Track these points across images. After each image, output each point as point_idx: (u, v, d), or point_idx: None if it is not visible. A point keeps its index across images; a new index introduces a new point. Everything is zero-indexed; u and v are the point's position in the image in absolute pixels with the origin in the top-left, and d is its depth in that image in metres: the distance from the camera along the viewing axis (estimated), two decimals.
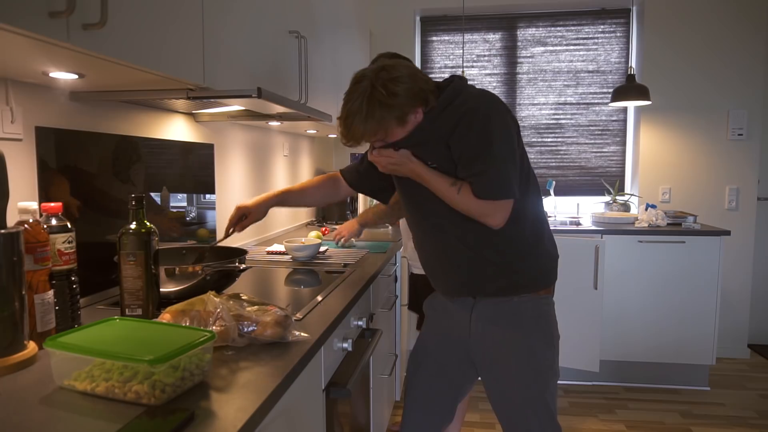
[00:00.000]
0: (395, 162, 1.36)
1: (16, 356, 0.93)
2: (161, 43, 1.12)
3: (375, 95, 1.25)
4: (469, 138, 1.29)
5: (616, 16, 3.60)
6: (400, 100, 1.26)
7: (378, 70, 1.28)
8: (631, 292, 3.04)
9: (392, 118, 1.27)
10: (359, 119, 1.26)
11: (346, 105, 1.29)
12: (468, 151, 1.30)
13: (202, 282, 1.34)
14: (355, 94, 1.27)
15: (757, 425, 2.64)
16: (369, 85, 1.26)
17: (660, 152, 3.52)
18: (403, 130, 1.31)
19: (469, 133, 1.29)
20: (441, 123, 1.31)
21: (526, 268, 1.40)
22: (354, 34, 3.03)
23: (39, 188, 1.24)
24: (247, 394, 0.85)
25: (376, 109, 1.25)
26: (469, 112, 1.29)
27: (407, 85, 1.27)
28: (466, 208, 1.31)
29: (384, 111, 1.26)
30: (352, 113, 1.27)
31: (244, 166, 2.44)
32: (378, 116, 1.26)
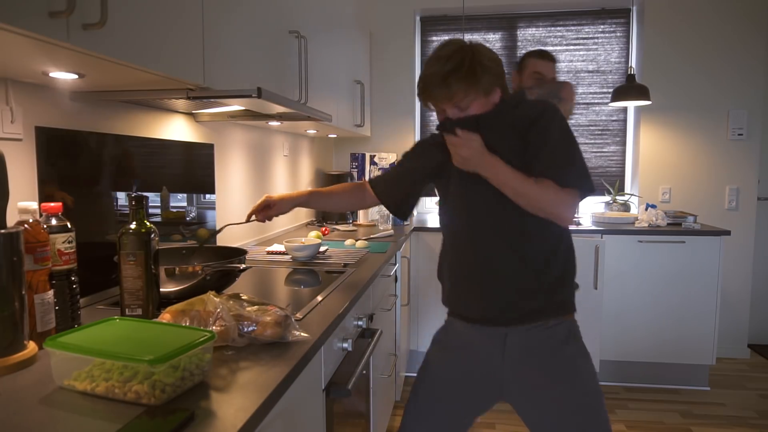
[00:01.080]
0: (477, 151, 1.33)
1: (16, 356, 0.93)
2: (161, 43, 1.12)
3: (477, 56, 1.30)
4: (552, 132, 1.32)
5: (616, 16, 3.60)
6: (495, 71, 1.33)
7: (477, 43, 1.35)
8: (631, 292, 3.04)
9: (484, 84, 1.32)
10: (458, 77, 1.29)
11: (440, 62, 1.32)
12: (553, 141, 1.31)
13: (202, 282, 1.34)
14: (449, 53, 1.31)
15: (757, 425, 2.64)
16: (470, 50, 1.32)
17: (660, 152, 3.52)
18: (484, 103, 1.34)
19: (551, 126, 1.32)
20: (517, 116, 1.36)
21: (559, 289, 1.37)
22: (354, 34, 3.03)
23: (39, 188, 1.24)
24: (247, 394, 0.85)
25: (477, 69, 1.30)
26: (548, 111, 1.34)
27: (498, 64, 1.35)
28: (546, 197, 1.28)
29: (482, 74, 1.30)
30: (449, 71, 1.30)
31: (244, 166, 2.44)
32: (477, 77, 1.30)
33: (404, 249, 2.89)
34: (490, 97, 1.35)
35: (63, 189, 1.31)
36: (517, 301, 1.35)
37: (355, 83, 3.08)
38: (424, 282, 3.18)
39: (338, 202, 1.72)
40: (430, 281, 3.17)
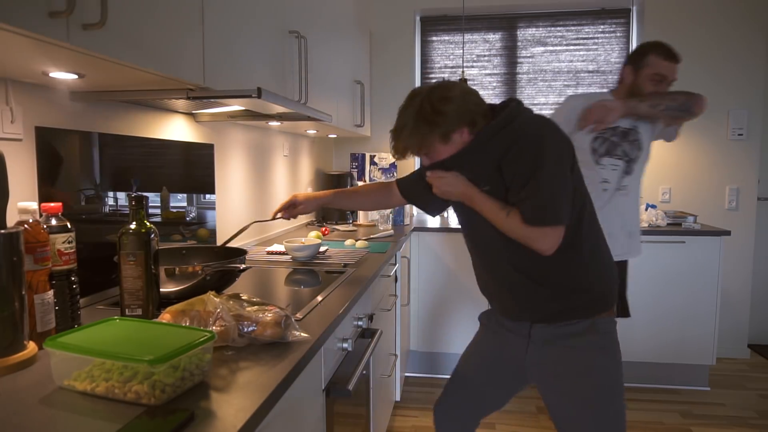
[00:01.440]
0: (448, 183, 1.41)
1: (16, 356, 0.93)
2: (161, 43, 1.12)
3: (422, 112, 1.34)
4: (521, 162, 1.31)
5: (616, 16, 3.60)
6: (446, 119, 1.33)
7: (432, 88, 1.37)
8: (631, 292, 3.04)
9: (436, 135, 1.35)
10: (405, 133, 1.37)
11: (398, 118, 1.40)
12: (519, 174, 1.31)
13: (202, 282, 1.34)
14: (407, 110, 1.38)
15: (757, 425, 2.64)
16: (419, 102, 1.36)
17: (660, 152, 3.52)
18: (447, 148, 1.38)
19: (522, 156, 1.31)
20: (494, 145, 1.35)
21: (582, 293, 1.38)
22: (354, 34, 3.03)
23: (39, 188, 1.24)
24: (247, 394, 0.85)
25: (422, 125, 1.35)
26: (523, 137, 1.32)
27: (456, 105, 1.33)
28: (514, 233, 1.33)
29: (428, 128, 1.34)
30: (400, 127, 1.38)
31: (244, 166, 2.44)
32: (422, 132, 1.35)
33: (404, 249, 2.89)
34: (451, 142, 1.36)
35: (63, 189, 1.31)
36: (536, 309, 1.42)
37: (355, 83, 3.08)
38: (424, 282, 3.18)
39: (363, 202, 1.79)
40: (430, 281, 3.17)
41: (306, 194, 1.73)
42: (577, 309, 1.39)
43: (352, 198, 1.78)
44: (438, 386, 3.11)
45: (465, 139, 1.37)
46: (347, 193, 1.78)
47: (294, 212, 1.71)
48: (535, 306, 1.41)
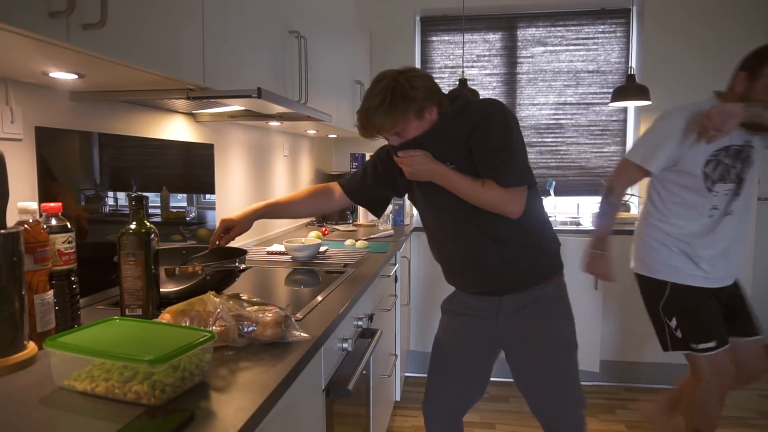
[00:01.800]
0: (421, 163, 1.46)
1: (16, 356, 0.93)
2: (161, 43, 1.12)
3: (398, 88, 1.39)
4: (490, 136, 1.42)
5: (616, 16, 3.60)
6: (420, 94, 1.41)
7: (399, 70, 1.44)
8: (631, 292, 3.03)
9: (412, 111, 1.41)
10: (381, 111, 1.40)
11: (368, 98, 1.43)
12: (490, 147, 1.42)
13: (202, 282, 1.34)
14: (377, 88, 1.42)
15: (757, 425, 2.64)
16: (392, 80, 1.41)
17: None
18: (419, 125, 1.44)
19: (489, 132, 1.42)
20: (458, 125, 1.45)
21: (541, 254, 1.54)
22: (354, 34, 3.03)
23: (39, 188, 1.24)
24: (247, 394, 0.85)
25: (399, 100, 1.39)
26: (487, 116, 1.44)
27: (427, 83, 1.43)
28: (490, 199, 1.43)
29: (405, 103, 1.40)
30: (374, 105, 1.41)
31: (244, 166, 2.44)
32: (400, 107, 1.40)
33: (404, 249, 2.89)
34: (424, 119, 1.44)
35: (63, 189, 1.31)
36: (503, 278, 1.53)
37: (355, 83, 3.08)
38: (424, 282, 3.18)
39: (301, 208, 1.75)
40: (430, 281, 3.17)
41: (239, 214, 1.63)
42: (540, 272, 1.54)
43: (290, 206, 1.73)
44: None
45: (433, 118, 1.46)
46: (282, 203, 1.72)
47: (231, 236, 1.62)
48: (504, 271, 1.52)
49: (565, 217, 3.40)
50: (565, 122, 3.70)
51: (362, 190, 1.73)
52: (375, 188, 1.70)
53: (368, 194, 1.73)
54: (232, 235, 1.63)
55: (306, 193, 1.76)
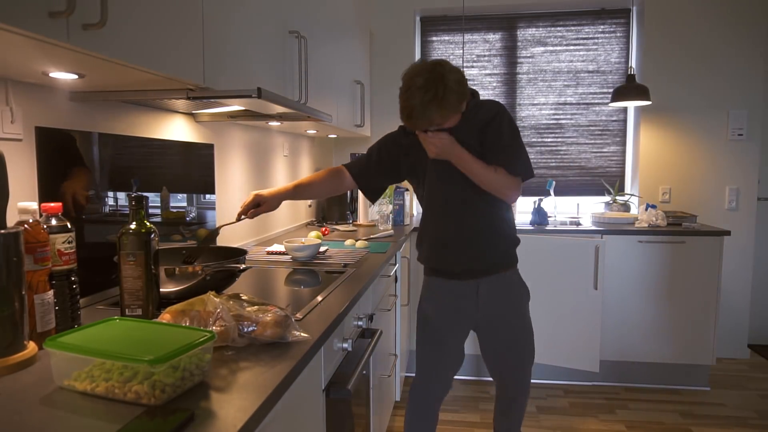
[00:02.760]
0: (446, 145, 1.61)
1: (16, 356, 0.93)
2: (161, 43, 1.12)
3: (447, 83, 1.52)
4: (502, 130, 1.66)
5: (616, 16, 3.60)
6: (462, 90, 1.57)
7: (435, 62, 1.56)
8: (631, 292, 3.04)
9: (457, 104, 1.57)
10: (435, 106, 1.52)
11: (415, 93, 1.52)
12: (502, 139, 1.66)
13: (202, 282, 1.34)
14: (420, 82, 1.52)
15: (757, 425, 2.64)
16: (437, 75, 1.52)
17: (660, 152, 3.52)
18: (457, 117, 1.62)
19: (502, 126, 1.66)
20: (476, 116, 1.67)
21: (511, 245, 1.80)
22: (354, 34, 3.03)
23: (39, 188, 1.24)
24: (247, 394, 0.85)
25: (450, 96, 1.53)
26: (500, 113, 1.68)
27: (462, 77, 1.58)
28: (500, 183, 1.65)
29: (454, 98, 1.54)
30: (426, 101, 1.52)
31: (244, 166, 2.44)
32: (452, 103, 1.54)
33: (404, 249, 2.89)
34: (461, 111, 1.63)
35: (63, 189, 1.31)
36: (485, 257, 1.75)
37: (355, 83, 3.08)
38: None
39: (320, 190, 1.90)
40: None
41: (269, 191, 1.74)
42: (508, 259, 1.79)
43: (311, 187, 1.85)
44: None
45: (463, 109, 1.64)
46: (305, 184, 1.83)
47: (259, 211, 1.72)
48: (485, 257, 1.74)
49: (565, 217, 3.40)
50: (565, 122, 3.70)
51: (365, 175, 1.88)
52: (376, 175, 1.87)
53: (369, 180, 1.89)
54: (260, 211, 1.73)
55: (324, 174, 1.88)
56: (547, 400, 2.93)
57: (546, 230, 3.06)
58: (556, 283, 2.91)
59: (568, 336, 2.93)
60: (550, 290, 2.92)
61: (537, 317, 2.93)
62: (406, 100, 1.54)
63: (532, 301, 2.79)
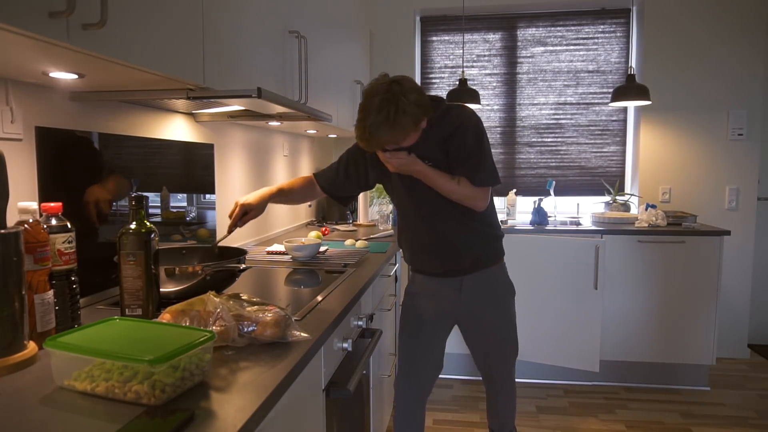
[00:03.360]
0: (405, 163, 1.60)
1: (16, 356, 0.93)
2: (161, 43, 1.12)
3: (399, 104, 1.47)
4: (466, 141, 1.63)
5: (616, 16, 3.60)
6: (417, 109, 1.50)
7: (391, 81, 1.51)
8: (631, 292, 3.04)
9: (412, 125, 1.52)
10: (386, 127, 1.48)
11: (368, 114, 1.49)
12: (465, 150, 1.63)
13: (202, 282, 1.34)
14: (375, 104, 1.48)
15: (757, 425, 2.64)
16: (390, 95, 1.48)
17: (660, 152, 3.52)
18: (416, 135, 1.57)
19: (465, 136, 1.63)
20: (439, 129, 1.63)
21: (493, 241, 1.79)
22: (354, 34, 3.03)
23: (39, 188, 1.24)
24: (247, 394, 0.85)
25: (401, 116, 1.48)
26: (464, 123, 1.64)
27: (419, 97, 1.52)
28: (463, 195, 1.64)
29: (407, 118, 1.49)
30: (377, 122, 1.48)
31: (244, 166, 2.44)
32: (402, 123, 1.49)
33: None
34: (419, 129, 1.56)
35: (63, 189, 1.31)
36: (466, 257, 1.74)
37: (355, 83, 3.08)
38: None
39: (297, 196, 1.89)
40: None
41: (255, 197, 1.73)
42: (492, 255, 1.79)
43: (290, 194, 1.84)
44: (438, 386, 3.11)
45: (424, 126, 1.58)
46: (286, 190, 1.83)
47: (247, 219, 1.72)
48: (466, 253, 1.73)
49: (565, 217, 3.40)
50: (565, 122, 3.70)
51: (334, 185, 1.86)
52: (345, 184, 1.85)
53: (339, 189, 1.87)
54: (248, 218, 1.73)
55: (299, 183, 1.87)
56: (547, 400, 2.93)
57: (546, 230, 3.06)
58: (556, 283, 2.91)
59: (568, 336, 2.93)
60: (550, 290, 2.92)
61: (537, 317, 2.94)
62: (359, 120, 1.51)
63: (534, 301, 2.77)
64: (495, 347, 1.86)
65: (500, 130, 3.76)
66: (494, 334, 1.84)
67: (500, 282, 1.83)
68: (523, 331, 3.02)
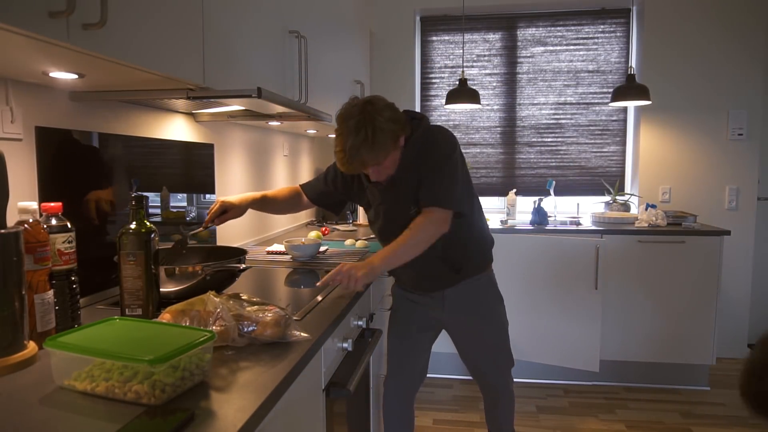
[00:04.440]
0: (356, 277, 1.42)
1: (16, 356, 0.93)
2: (161, 43, 1.12)
3: (375, 123, 1.46)
4: (429, 167, 1.57)
5: (616, 16, 3.60)
6: (394, 126, 1.50)
7: (364, 102, 1.51)
8: (631, 292, 3.04)
9: (390, 142, 1.50)
10: (366, 148, 1.46)
11: (346, 137, 1.47)
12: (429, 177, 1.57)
13: (202, 282, 1.34)
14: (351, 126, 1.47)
15: (758, 425, 2.64)
16: (365, 115, 1.47)
17: (660, 152, 3.52)
18: (396, 153, 1.55)
19: (428, 162, 1.58)
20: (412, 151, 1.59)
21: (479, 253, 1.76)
22: (354, 34, 3.03)
23: (39, 188, 1.24)
24: (247, 394, 0.85)
25: (379, 135, 1.46)
26: (427, 143, 1.59)
27: (393, 114, 1.52)
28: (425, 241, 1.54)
29: (384, 136, 1.48)
30: (357, 144, 1.46)
31: (244, 166, 2.44)
32: (381, 142, 1.47)
33: None
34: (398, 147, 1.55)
35: (63, 189, 1.31)
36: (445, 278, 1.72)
37: (355, 83, 3.08)
38: None
39: (280, 207, 1.89)
40: None
41: (237, 198, 1.72)
42: (476, 268, 1.75)
43: (274, 203, 1.83)
44: (438, 386, 3.11)
45: (401, 144, 1.56)
46: (270, 198, 1.81)
47: (225, 218, 1.70)
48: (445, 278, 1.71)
49: (565, 217, 3.40)
50: (565, 122, 3.70)
51: (322, 195, 1.84)
52: (333, 195, 1.83)
53: (327, 199, 1.85)
54: (226, 218, 1.70)
55: (283, 193, 1.86)
56: (547, 400, 2.93)
57: (546, 230, 3.06)
58: (556, 283, 2.91)
59: (568, 336, 2.93)
60: (550, 290, 2.92)
61: (537, 317, 2.94)
62: (337, 145, 1.50)
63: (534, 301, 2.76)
64: (488, 360, 1.84)
65: (500, 130, 3.76)
66: (485, 347, 1.82)
67: (485, 291, 1.78)
68: (524, 331, 3.04)
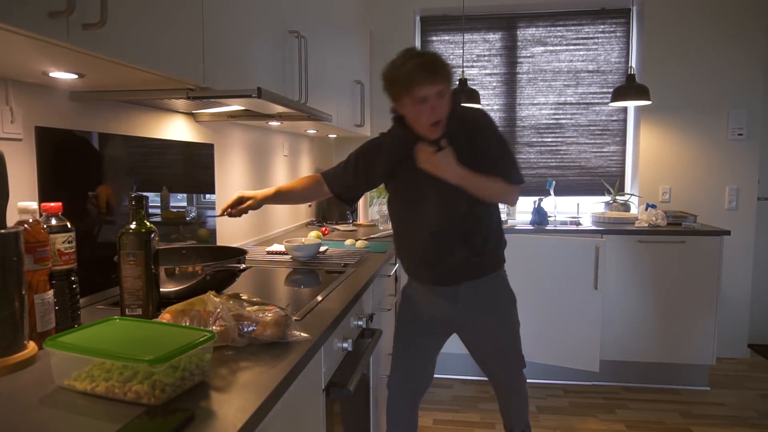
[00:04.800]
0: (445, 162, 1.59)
1: (16, 356, 0.93)
2: (161, 43, 1.12)
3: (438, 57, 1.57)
4: (492, 141, 1.67)
5: (616, 16, 3.60)
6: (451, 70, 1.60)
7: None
8: (631, 292, 3.04)
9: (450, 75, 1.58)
10: (429, 69, 1.51)
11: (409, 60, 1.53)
12: (493, 151, 1.66)
13: (202, 282, 1.34)
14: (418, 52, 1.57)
15: (757, 425, 2.64)
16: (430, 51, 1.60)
17: (660, 152, 3.52)
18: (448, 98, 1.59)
19: (491, 137, 1.67)
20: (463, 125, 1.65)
21: (494, 253, 1.76)
22: (354, 34, 3.03)
23: (39, 188, 1.24)
24: (247, 394, 0.85)
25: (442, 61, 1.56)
26: (486, 122, 1.68)
27: None
28: (500, 194, 1.68)
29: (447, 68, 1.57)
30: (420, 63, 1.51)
31: (244, 166, 2.44)
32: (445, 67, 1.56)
33: None
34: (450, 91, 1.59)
35: (63, 189, 1.31)
36: (464, 270, 1.71)
37: (355, 83, 3.08)
38: None
39: (300, 196, 1.93)
40: None
41: (255, 193, 1.80)
42: (491, 265, 1.75)
43: (291, 194, 1.87)
44: (438, 386, 3.11)
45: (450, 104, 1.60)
46: (286, 190, 1.85)
47: (240, 209, 1.77)
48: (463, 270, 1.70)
49: (565, 217, 3.40)
50: (565, 122, 3.70)
51: (343, 185, 1.85)
52: (354, 185, 1.84)
53: (346, 189, 1.86)
54: (243, 207, 1.77)
55: (304, 182, 1.89)
56: (547, 399, 2.93)
57: (546, 230, 3.06)
58: (556, 283, 2.91)
59: (568, 336, 2.93)
60: (550, 290, 2.92)
61: (537, 317, 2.94)
62: (397, 67, 1.56)
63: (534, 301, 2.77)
64: (501, 361, 1.83)
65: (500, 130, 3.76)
66: (499, 348, 1.81)
67: (499, 290, 1.78)
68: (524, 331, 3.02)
